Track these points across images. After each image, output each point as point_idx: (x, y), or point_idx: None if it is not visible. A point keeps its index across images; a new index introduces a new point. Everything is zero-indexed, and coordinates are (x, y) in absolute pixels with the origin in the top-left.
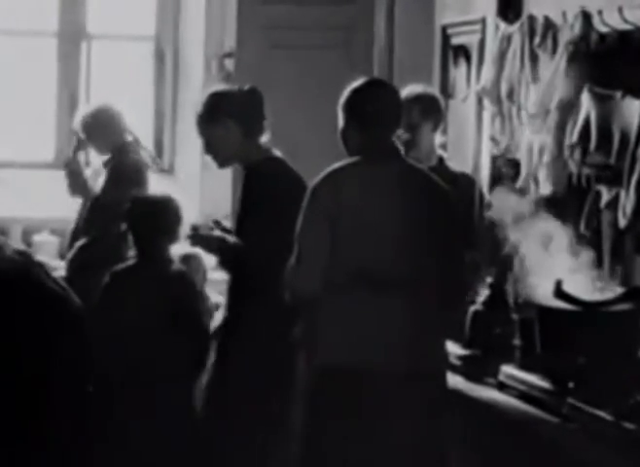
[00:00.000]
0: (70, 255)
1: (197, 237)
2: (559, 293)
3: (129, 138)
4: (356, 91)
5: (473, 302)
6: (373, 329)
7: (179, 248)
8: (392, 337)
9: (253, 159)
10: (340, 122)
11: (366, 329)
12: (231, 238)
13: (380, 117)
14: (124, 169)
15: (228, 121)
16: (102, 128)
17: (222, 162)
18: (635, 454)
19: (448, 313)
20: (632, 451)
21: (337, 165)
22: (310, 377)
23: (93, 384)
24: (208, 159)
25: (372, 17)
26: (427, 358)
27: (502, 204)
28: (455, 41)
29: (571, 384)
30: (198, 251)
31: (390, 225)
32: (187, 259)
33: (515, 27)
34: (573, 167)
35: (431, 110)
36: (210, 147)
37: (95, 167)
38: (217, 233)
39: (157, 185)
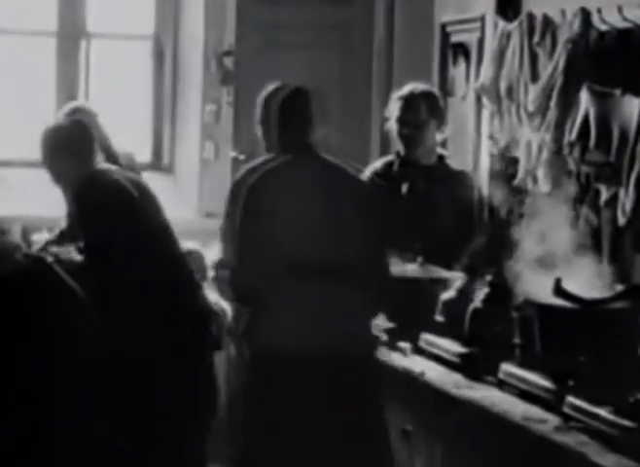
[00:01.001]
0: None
1: None
2: (559, 291)
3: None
4: (270, 95)
5: (471, 300)
6: (307, 316)
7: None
8: (324, 322)
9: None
10: (257, 117)
11: (300, 316)
12: None
13: (292, 118)
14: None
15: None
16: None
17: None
18: (635, 453)
19: (374, 300)
20: (632, 450)
21: (254, 164)
22: (250, 365)
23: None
24: (208, 157)
25: (371, 15)
26: (356, 341)
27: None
28: (454, 39)
29: (571, 382)
30: (199, 247)
31: (314, 219)
32: (187, 254)
33: (514, 25)
34: (572, 165)
35: (436, 108)
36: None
37: None
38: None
39: (156, 184)
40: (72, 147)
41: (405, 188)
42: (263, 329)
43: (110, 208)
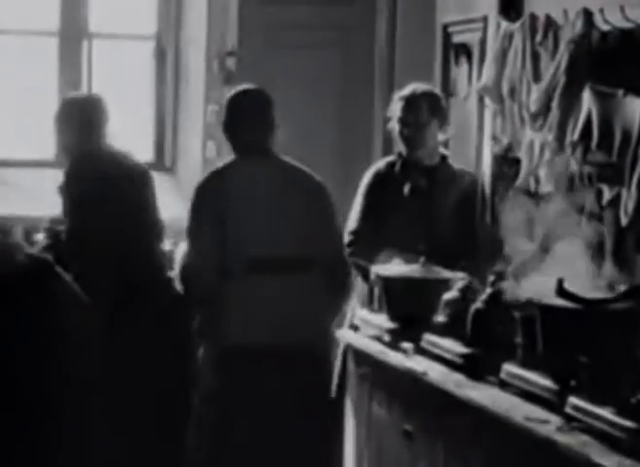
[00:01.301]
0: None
1: None
2: (561, 291)
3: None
4: (230, 99)
5: (473, 300)
6: (267, 309)
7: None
8: (283, 314)
9: None
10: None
11: (260, 310)
12: None
13: (248, 122)
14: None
15: None
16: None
17: None
18: (638, 453)
19: (334, 293)
20: (635, 450)
21: (219, 166)
22: (211, 359)
23: None
24: (210, 157)
25: (373, 15)
26: (313, 333)
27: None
28: (456, 39)
29: (573, 383)
30: None
31: (271, 216)
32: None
33: (516, 26)
34: (574, 166)
35: (438, 108)
36: None
37: None
38: None
39: (158, 183)
40: (80, 117)
41: (407, 188)
42: (224, 325)
43: (81, 198)
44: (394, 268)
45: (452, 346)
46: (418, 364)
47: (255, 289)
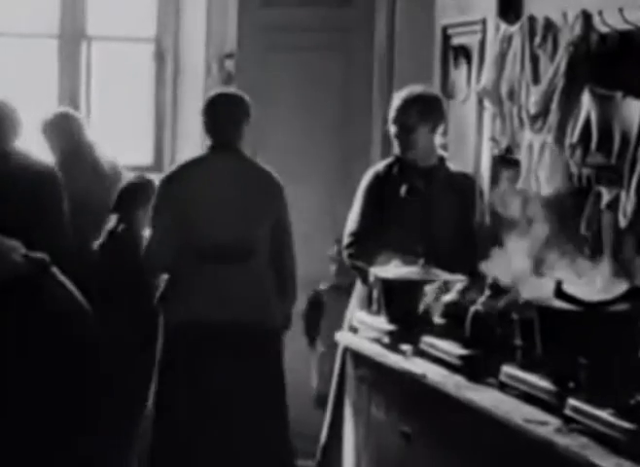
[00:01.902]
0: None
1: None
2: (560, 293)
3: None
4: (205, 103)
5: (472, 302)
6: (216, 291)
7: None
8: (231, 296)
9: None
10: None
11: (210, 292)
12: None
13: (215, 122)
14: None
15: None
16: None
17: None
18: (637, 455)
19: (283, 277)
20: (634, 452)
21: (187, 160)
22: (162, 334)
23: None
24: None
25: (372, 18)
26: (254, 312)
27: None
28: (456, 41)
29: (572, 384)
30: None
31: (224, 208)
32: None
33: (515, 28)
34: (573, 168)
35: (429, 111)
36: None
37: None
38: None
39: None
40: None
41: (403, 190)
42: (174, 302)
43: None
44: (393, 269)
45: (451, 348)
46: (417, 366)
47: (203, 273)
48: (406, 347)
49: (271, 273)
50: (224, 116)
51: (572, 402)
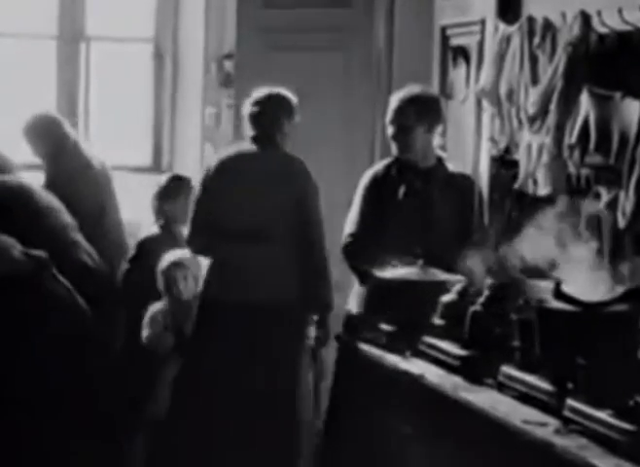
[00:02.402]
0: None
1: None
2: (558, 293)
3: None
4: (252, 98)
5: (471, 303)
6: (236, 270)
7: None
8: (250, 275)
9: None
10: None
11: (231, 270)
12: None
13: (254, 117)
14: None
15: None
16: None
17: None
18: (636, 456)
19: (305, 259)
20: (632, 453)
21: (231, 151)
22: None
23: None
24: (207, 159)
25: (370, 18)
26: (277, 292)
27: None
28: (454, 42)
29: (570, 385)
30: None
31: (247, 194)
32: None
33: (514, 28)
34: (572, 168)
35: (425, 112)
36: None
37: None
38: None
39: (156, 186)
40: None
41: (401, 190)
42: (207, 280)
43: None
44: (392, 270)
45: (450, 349)
46: (416, 366)
47: (227, 254)
48: (404, 348)
49: (292, 256)
50: (262, 110)
51: (571, 403)
